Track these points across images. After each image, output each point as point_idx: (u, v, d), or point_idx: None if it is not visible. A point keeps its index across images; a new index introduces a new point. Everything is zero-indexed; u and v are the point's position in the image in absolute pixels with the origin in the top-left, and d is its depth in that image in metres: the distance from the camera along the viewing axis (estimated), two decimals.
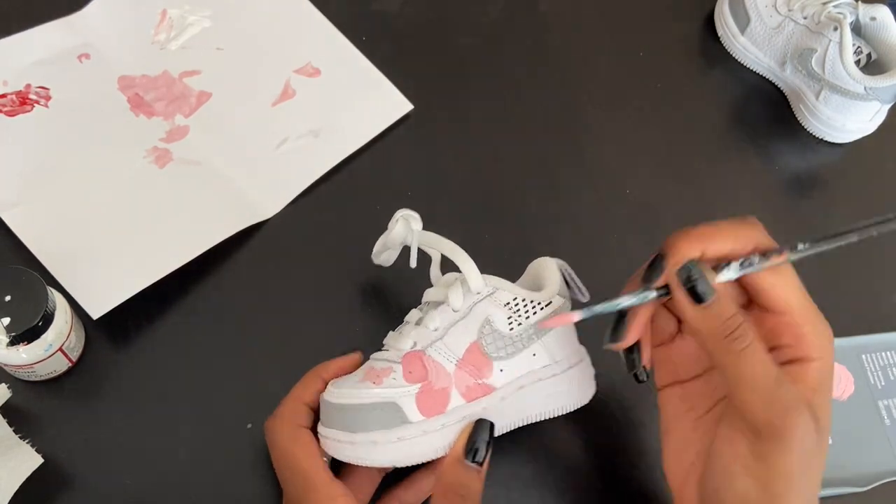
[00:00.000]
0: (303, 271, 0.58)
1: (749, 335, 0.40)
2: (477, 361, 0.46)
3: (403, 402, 0.44)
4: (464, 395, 0.45)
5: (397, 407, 0.44)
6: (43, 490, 0.48)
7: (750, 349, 0.40)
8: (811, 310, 0.42)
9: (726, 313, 0.40)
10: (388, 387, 0.45)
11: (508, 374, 0.46)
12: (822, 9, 0.66)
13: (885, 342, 0.60)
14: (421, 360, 0.45)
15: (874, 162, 0.71)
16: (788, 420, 0.39)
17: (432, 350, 0.46)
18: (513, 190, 0.64)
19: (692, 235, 0.42)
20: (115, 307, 0.51)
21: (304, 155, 0.61)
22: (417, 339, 0.47)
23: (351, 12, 0.68)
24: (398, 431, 0.44)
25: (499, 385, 0.46)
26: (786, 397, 0.39)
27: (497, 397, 0.46)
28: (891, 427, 0.57)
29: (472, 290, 0.47)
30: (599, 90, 0.69)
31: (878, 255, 0.66)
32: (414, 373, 0.45)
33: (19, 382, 0.51)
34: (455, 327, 0.47)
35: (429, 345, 0.46)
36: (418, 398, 0.44)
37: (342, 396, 0.45)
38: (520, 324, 0.47)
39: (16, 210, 0.54)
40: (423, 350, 0.46)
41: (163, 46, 0.64)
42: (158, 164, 0.59)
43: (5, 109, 0.58)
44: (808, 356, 0.41)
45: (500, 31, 0.71)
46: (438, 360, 0.46)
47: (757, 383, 0.39)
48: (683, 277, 0.41)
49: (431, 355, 0.46)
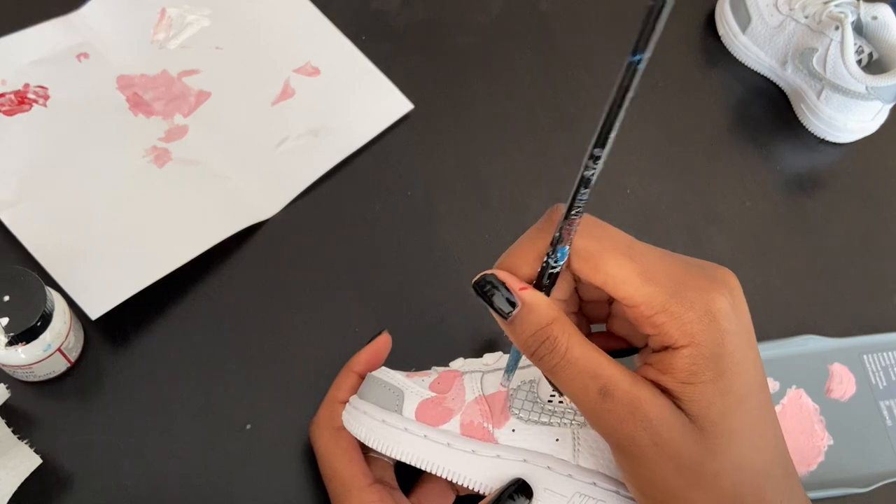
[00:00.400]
0: (303, 271, 0.58)
1: (559, 348, 0.35)
2: (495, 406, 0.43)
3: (409, 396, 0.45)
4: (462, 427, 0.43)
5: (401, 396, 0.45)
6: (42, 490, 0.48)
7: (562, 364, 0.35)
8: (659, 296, 0.35)
9: (529, 328, 0.36)
10: (411, 381, 0.45)
11: (518, 440, 0.42)
12: (823, 8, 0.66)
13: (887, 342, 0.60)
14: (453, 379, 0.45)
15: (875, 162, 0.70)
16: (622, 434, 0.35)
17: (468, 376, 0.45)
18: (513, 190, 0.63)
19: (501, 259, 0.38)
20: (114, 307, 0.51)
21: (303, 154, 0.61)
22: (466, 363, 0.47)
23: (351, 12, 0.68)
24: (386, 414, 0.44)
25: (502, 442, 0.43)
26: (615, 410, 0.35)
27: (493, 452, 0.42)
28: (892, 428, 0.57)
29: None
30: (599, 90, 0.69)
31: (879, 255, 0.66)
32: (441, 385, 0.45)
33: (18, 383, 0.51)
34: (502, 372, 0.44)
35: (470, 371, 0.46)
36: (423, 403, 0.44)
37: (380, 371, 0.47)
38: (562, 401, 0.43)
39: (14, 209, 0.54)
40: (462, 372, 0.46)
41: (162, 46, 0.64)
42: (157, 164, 0.58)
43: (3, 109, 0.58)
44: (673, 344, 0.35)
45: (500, 31, 0.71)
46: (466, 385, 0.45)
47: (579, 400, 0.35)
48: (483, 290, 0.37)
49: (464, 379, 0.45)
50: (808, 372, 0.58)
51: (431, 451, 0.43)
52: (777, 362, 0.58)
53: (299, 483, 0.51)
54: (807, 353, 0.59)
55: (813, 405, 0.57)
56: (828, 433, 0.57)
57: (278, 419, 0.52)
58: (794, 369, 0.58)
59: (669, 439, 0.34)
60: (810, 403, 0.57)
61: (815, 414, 0.57)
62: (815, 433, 0.56)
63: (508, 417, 0.43)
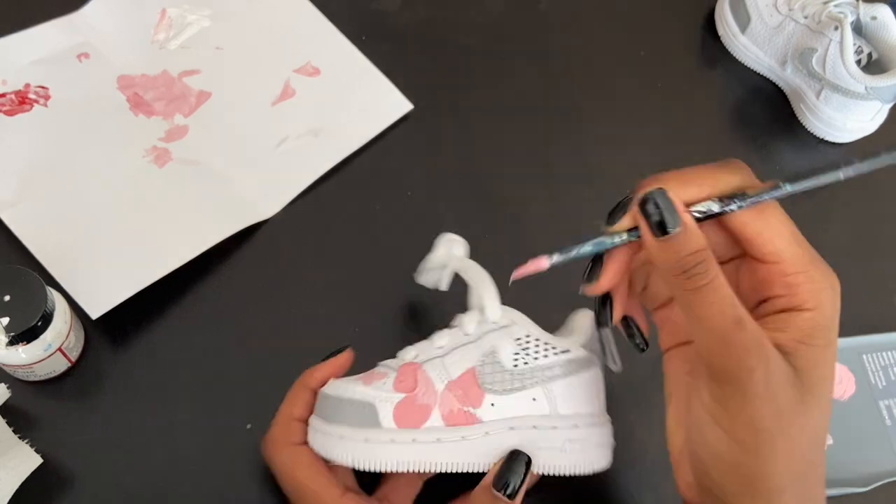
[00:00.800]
0: (302, 271, 0.58)
1: (710, 272, 0.36)
2: (468, 388, 0.44)
3: (381, 406, 0.43)
4: (444, 418, 0.43)
5: (373, 409, 0.43)
6: (42, 490, 0.48)
7: (709, 287, 0.36)
8: (804, 257, 0.38)
9: (687, 248, 0.36)
10: (373, 389, 0.44)
11: (500, 411, 0.44)
12: (822, 8, 0.66)
13: (886, 342, 0.60)
14: (414, 373, 0.44)
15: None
16: (744, 363, 0.36)
17: (428, 365, 0.45)
18: (513, 190, 0.63)
19: (666, 177, 0.38)
20: (115, 307, 0.51)
21: (303, 154, 0.61)
22: (420, 352, 0.46)
23: (351, 12, 0.68)
24: (367, 432, 0.43)
25: (486, 419, 0.43)
26: (745, 340, 0.36)
27: (480, 431, 0.43)
28: (892, 427, 0.57)
29: (488, 318, 0.46)
30: (599, 90, 0.69)
31: (879, 254, 0.66)
32: (404, 382, 0.44)
33: (18, 382, 0.51)
34: (459, 349, 0.45)
35: (427, 360, 0.45)
36: (397, 407, 0.43)
37: (332, 387, 0.45)
38: (526, 363, 0.45)
39: (15, 209, 0.54)
40: (420, 363, 0.45)
41: (162, 46, 0.64)
42: (158, 164, 0.58)
43: (4, 109, 0.58)
44: (800, 305, 0.37)
45: (500, 31, 0.71)
46: (430, 375, 0.44)
47: (714, 323, 0.36)
48: (646, 205, 0.37)
49: (426, 369, 0.45)
50: None
51: (423, 452, 0.43)
52: None
53: None
54: None
55: None
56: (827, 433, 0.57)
57: None
58: None
59: (779, 382, 0.36)
60: None
61: None
62: None
63: (484, 394, 0.44)
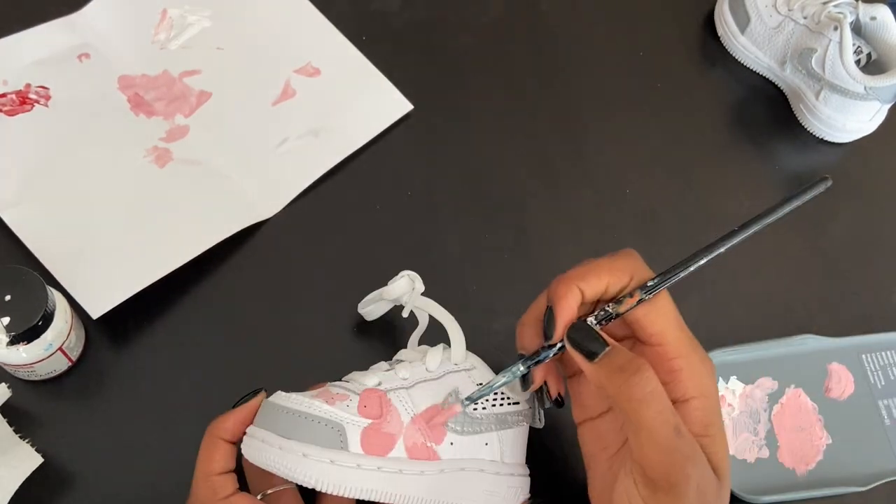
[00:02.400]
0: (302, 271, 0.58)
1: (653, 380, 0.38)
2: (431, 423, 0.44)
3: (350, 429, 0.42)
4: (408, 450, 0.43)
5: (343, 430, 0.42)
6: (43, 490, 0.48)
7: (651, 395, 0.38)
8: (685, 342, 0.41)
9: (620, 360, 0.39)
10: (339, 409, 0.42)
11: (457, 451, 0.45)
12: (822, 8, 0.66)
13: (885, 342, 0.60)
14: (380, 399, 0.44)
15: (874, 162, 0.71)
16: (683, 471, 0.37)
17: (394, 395, 0.44)
18: (513, 190, 0.64)
19: (570, 278, 0.41)
20: (116, 307, 0.51)
21: (303, 155, 0.61)
22: (384, 380, 0.45)
23: (351, 12, 0.68)
24: (333, 454, 0.41)
25: (444, 457, 0.44)
26: (683, 447, 0.38)
27: (437, 468, 0.44)
28: (891, 427, 0.57)
29: (453, 360, 0.47)
30: (599, 90, 0.69)
31: (878, 254, 0.66)
32: (369, 408, 0.43)
33: (19, 382, 0.51)
34: (423, 384, 0.46)
35: (393, 389, 0.45)
36: (364, 433, 0.42)
37: (290, 400, 0.42)
38: (484, 408, 0.46)
39: (15, 209, 0.54)
40: (385, 391, 0.45)
41: (163, 46, 0.64)
42: (158, 164, 0.59)
43: (5, 109, 0.58)
44: (685, 394, 0.40)
45: (500, 31, 0.71)
46: (397, 405, 0.44)
47: (657, 434, 0.37)
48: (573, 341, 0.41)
49: (391, 399, 0.44)
50: (807, 371, 0.58)
51: (386, 482, 0.42)
52: (776, 362, 0.58)
53: None
54: (805, 353, 0.59)
55: (811, 404, 0.57)
56: (826, 432, 0.57)
57: None
58: (793, 369, 0.58)
59: (709, 482, 0.38)
60: (809, 403, 0.57)
61: (813, 413, 0.57)
62: (814, 432, 0.57)
63: (445, 433, 0.45)
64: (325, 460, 0.41)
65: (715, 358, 0.57)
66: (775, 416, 0.57)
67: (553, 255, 0.61)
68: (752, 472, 0.54)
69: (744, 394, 0.57)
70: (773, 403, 0.57)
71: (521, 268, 0.60)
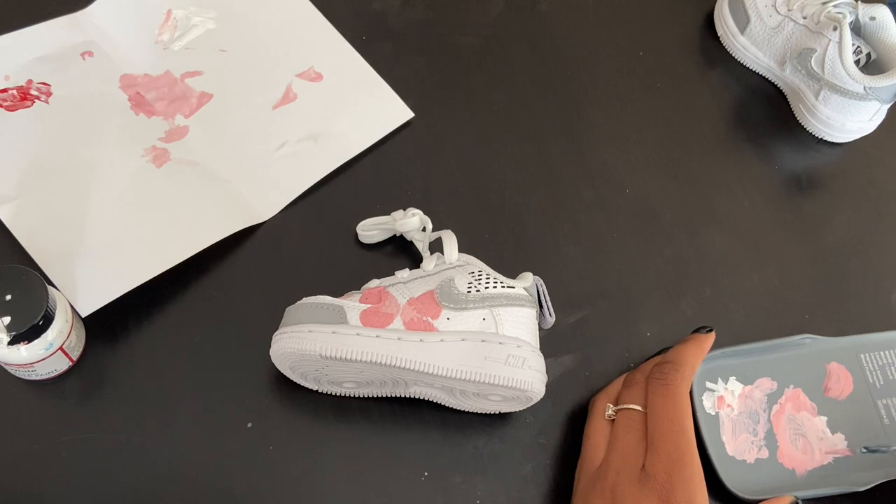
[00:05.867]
0: (302, 271, 0.58)
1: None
2: (427, 304, 0.50)
3: (349, 310, 0.49)
4: (405, 324, 0.49)
5: (342, 311, 0.49)
6: (43, 489, 0.48)
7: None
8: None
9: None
10: (341, 299, 0.50)
11: (454, 324, 0.50)
12: (821, 9, 0.66)
13: (884, 341, 0.60)
14: (378, 291, 0.51)
15: (874, 162, 0.71)
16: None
17: (392, 288, 0.51)
18: (513, 190, 0.64)
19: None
20: (116, 307, 0.51)
21: (302, 159, 0.61)
22: (384, 282, 0.52)
23: (351, 12, 0.68)
24: (334, 326, 0.48)
25: (441, 329, 0.49)
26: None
27: (437, 338, 0.49)
28: (890, 426, 0.58)
29: (446, 260, 0.53)
30: (599, 90, 0.69)
31: (877, 254, 0.66)
32: (369, 298, 0.50)
33: (20, 382, 0.51)
34: (420, 279, 0.52)
35: (391, 285, 0.52)
36: (363, 314, 0.49)
37: (297, 303, 0.51)
38: (478, 290, 0.51)
39: (11, 205, 0.54)
40: (384, 287, 0.52)
41: (166, 46, 0.64)
42: (156, 164, 0.59)
43: (5, 104, 0.58)
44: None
45: (500, 31, 0.71)
46: (394, 294, 0.51)
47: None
48: None
49: (389, 290, 0.51)
50: (806, 371, 0.58)
51: (385, 346, 0.48)
52: (775, 362, 0.58)
53: (300, 481, 0.51)
54: (804, 353, 0.59)
55: (811, 404, 0.58)
56: (826, 432, 0.57)
57: (279, 418, 0.52)
58: (792, 368, 0.58)
59: None
60: (808, 402, 0.58)
61: (813, 413, 0.57)
62: (814, 432, 0.57)
63: (440, 309, 0.50)
64: (327, 332, 0.48)
65: (714, 358, 0.57)
66: (774, 417, 0.57)
67: (553, 254, 0.62)
68: (752, 473, 0.54)
69: (743, 394, 0.57)
70: (773, 404, 0.57)
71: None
